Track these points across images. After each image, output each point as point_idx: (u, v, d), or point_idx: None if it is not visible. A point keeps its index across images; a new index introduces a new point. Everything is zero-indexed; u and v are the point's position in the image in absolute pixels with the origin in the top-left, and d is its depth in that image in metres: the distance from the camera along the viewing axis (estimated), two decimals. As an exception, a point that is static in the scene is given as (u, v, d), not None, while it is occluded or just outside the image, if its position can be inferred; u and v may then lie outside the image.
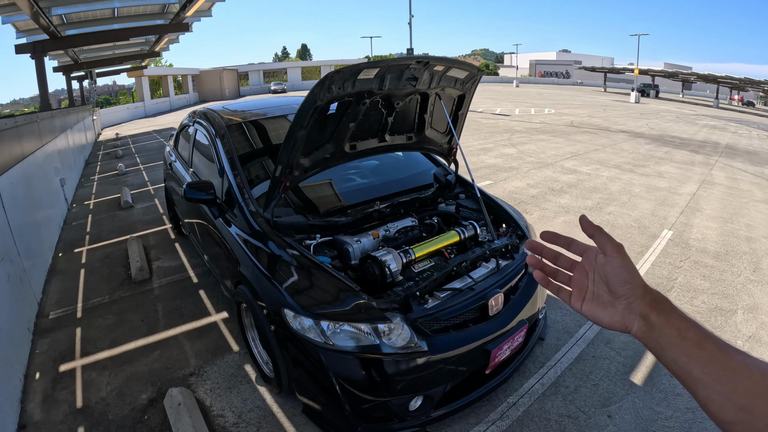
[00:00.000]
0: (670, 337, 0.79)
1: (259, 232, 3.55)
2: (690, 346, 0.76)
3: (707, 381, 0.73)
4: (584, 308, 0.92)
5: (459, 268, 3.33)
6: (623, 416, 3.39)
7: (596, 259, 0.91)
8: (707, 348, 0.75)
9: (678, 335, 0.78)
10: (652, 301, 0.84)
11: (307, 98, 3.08)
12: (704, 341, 0.76)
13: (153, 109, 43.96)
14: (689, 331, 0.78)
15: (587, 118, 26.01)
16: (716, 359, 0.73)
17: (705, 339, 0.76)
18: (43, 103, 18.78)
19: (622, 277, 0.86)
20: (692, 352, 0.76)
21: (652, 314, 0.82)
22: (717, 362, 0.73)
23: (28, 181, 6.46)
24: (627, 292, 0.85)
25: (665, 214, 8.26)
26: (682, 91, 65.67)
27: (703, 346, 0.75)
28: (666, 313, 0.82)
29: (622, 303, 0.86)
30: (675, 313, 0.81)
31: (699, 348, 0.75)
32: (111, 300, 5.26)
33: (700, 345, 0.76)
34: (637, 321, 0.84)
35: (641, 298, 0.84)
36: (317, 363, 2.83)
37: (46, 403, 3.64)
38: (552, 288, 0.99)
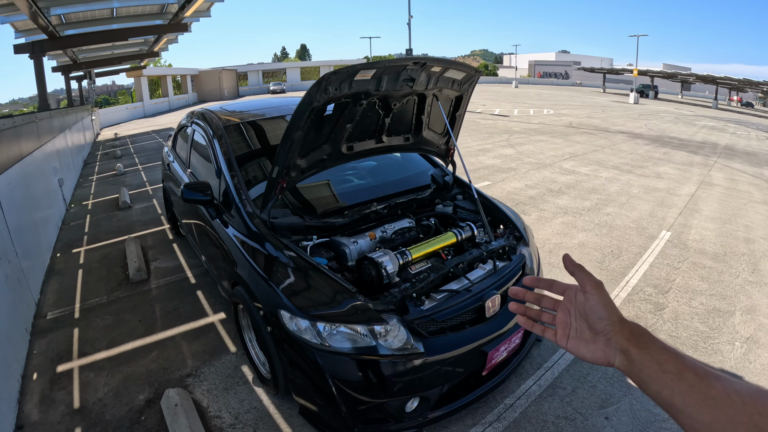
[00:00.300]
0: (650, 371, 0.80)
1: (256, 233, 3.54)
2: (670, 378, 0.77)
3: (689, 411, 0.74)
4: (569, 345, 0.94)
5: (456, 270, 3.33)
6: (620, 418, 3.39)
7: (576, 297, 0.95)
8: (687, 379, 0.75)
9: (658, 368, 0.79)
10: (631, 335, 0.86)
11: (304, 99, 3.07)
12: (684, 372, 0.76)
13: (152, 109, 43.96)
14: (668, 363, 0.78)
15: (586, 118, 26.02)
16: (697, 389, 0.73)
17: (685, 369, 0.77)
18: (42, 103, 18.79)
19: (599, 313, 0.89)
20: (673, 384, 0.76)
21: (631, 349, 0.84)
22: (698, 392, 0.73)
23: (27, 182, 6.46)
24: (605, 328, 0.88)
25: (664, 215, 8.26)
26: (681, 91, 65.68)
27: (683, 377, 0.76)
28: (645, 347, 0.83)
29: (601, 339, 0.89)
30: (654, 346, 0.82)
31: (679, 380, 0.76)
32: (109, 300, 5.26)
33: (680, 376, 0.76)
34: (618, 356, 0.86)
35: (619, 333, 0.87)
36: (313, 364, 2.83)
37: (43, 403, 3.64)
38: (537, 330, 1.03)
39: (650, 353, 0.81)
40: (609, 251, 6.45)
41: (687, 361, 0.78)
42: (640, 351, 0.82)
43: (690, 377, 0.75)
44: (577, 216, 7.98)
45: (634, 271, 5.84)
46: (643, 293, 5.26)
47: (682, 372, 0.76)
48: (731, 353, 4.21)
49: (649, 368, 0.80)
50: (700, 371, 0.75)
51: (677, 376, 0.76)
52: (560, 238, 6.89)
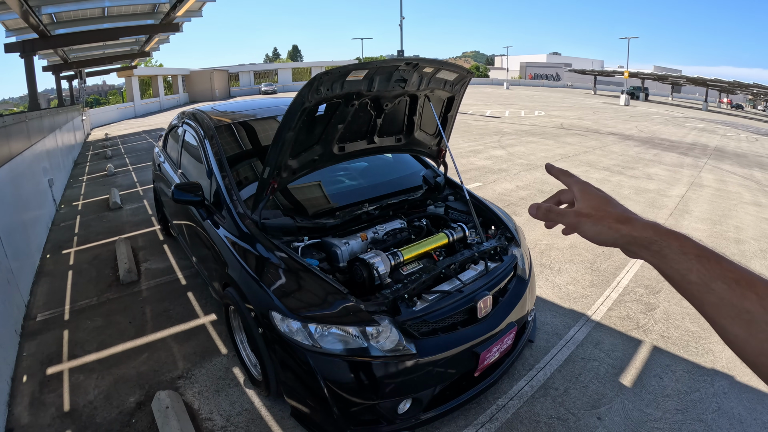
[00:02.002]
0: (673, 279, 0.75)
1: (247, 234, 3.53)
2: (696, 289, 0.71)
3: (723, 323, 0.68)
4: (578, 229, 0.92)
5: (447, 271, 3.33)
6: (613, 418, 3.40)
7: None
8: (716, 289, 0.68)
9: (681, 278, 0.73)
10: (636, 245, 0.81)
11: (295, 100, 3.06)
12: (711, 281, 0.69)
13: (143, 109, 43.75)
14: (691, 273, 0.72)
15: (577, 120, 26.13)
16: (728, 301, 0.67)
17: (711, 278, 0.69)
18: (32, 103, 18.66)
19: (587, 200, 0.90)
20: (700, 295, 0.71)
21: (646, 256, 0.79)
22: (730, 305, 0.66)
23: (16, 182, 6.41)
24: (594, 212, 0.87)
25: (654, 216, 8.29)
26: (671, 93, 66.01)
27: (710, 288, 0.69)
28: (659, 256, 0.77)
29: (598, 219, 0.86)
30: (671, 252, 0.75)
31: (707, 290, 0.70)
32: (99, 302, 5.22)
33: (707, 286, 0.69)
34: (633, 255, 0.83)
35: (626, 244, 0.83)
36: (305, 366, 2.82)
37: (33, 406, 3.61)
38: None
39: (668, 262, 0.75)
40: (600, 252, 6.46)
41: (714, 266, 0.70)
42: (656, 260, 0.77)
43: (719, 287, 0.68)
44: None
45: (625, 271, 5.86)
46: (634, 294, 5.27)
47: (708, 282, 0.69)
48: (722, 353, 4.23)
49: (671, 278, 0.75)
50: (730, 278, 0.68)
51: (703, 286, 0.70)
52: (551, 238, 6.91)
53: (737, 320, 0.65)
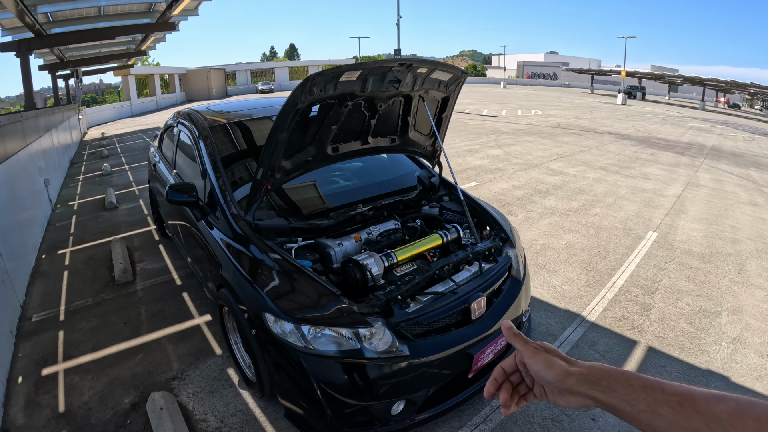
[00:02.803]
0: (624, 413, 0.77)
1: (240, 235, 3.52)
2: (645, 416, 0.74)
3: None
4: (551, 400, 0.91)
5: (441, 272, 3.32)
6: (607, 419, 3.40)
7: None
8: (663, 415, 0.72)
9: (631, 410, 0.76)
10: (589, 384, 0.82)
11: (288, 100, 3.06)
12: (658, 407, 0.73)
13: (139, 108, 43.67)
14: (639, 403, 0.75)
15: (574, 119, 26.14)
16: (676, 424, 0.71)
17: (659, 404, 0.73)
18: (28, 102, 18.59)
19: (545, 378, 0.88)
20: (650, 422, 0.73)
21: (597, 395, 0.80)
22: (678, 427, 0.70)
23: (11, 182, 6.40)
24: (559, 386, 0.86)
25: (650, 215, 8.31)
26: (668, 93, 66.09)
27: (658, 414, 0.73)
28: (609, 391, 0.79)
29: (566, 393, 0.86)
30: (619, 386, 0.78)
31: (655, 416, 0.73)
32: (94, 302, 5.21)
33: (654, 413, 0.73)
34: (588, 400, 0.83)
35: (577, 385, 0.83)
36: (298, 367, 2.81)
37: (28, 407, 3.60)
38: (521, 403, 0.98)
39: (617, 396, 0.78)
40: (596, 252, 6.47)
41: (658, 394, 0.74)
42: (606, 395, 0.79)
43: (665, 412, 0.72)
44: (565, 217, 8.01)
45: (621, 271, 5.87)
46: (630, 294, 5.28)
47: (655, 408, 0.73)
48: (718, 354, 4.24)
49: (621, 411, 0.77)
50: (674, 402, 0.72)
51: (651, 413, 0.73)
52: (547, 239, 6.91)
53: None
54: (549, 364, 0.88)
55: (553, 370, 0.87)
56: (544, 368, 0.88)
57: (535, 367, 0.89)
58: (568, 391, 0.84)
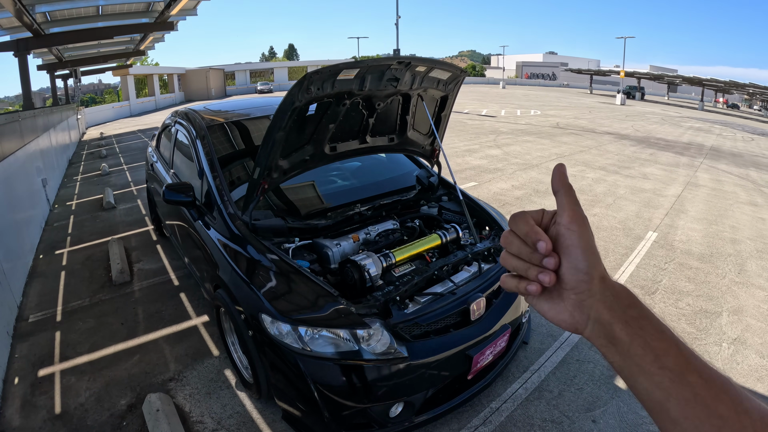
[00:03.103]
0: (642, 361, 0.59)
1: (237, 235, 3.50)
2: (669, 377, 0.57)
3: (686, 426, 0.55)
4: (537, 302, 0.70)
5: (440, 272, 3.30)
6: (608, 421, 3.38)
7: (549, 227, 0.68)
8: (692, 383, 0.56)
9: (654, 360, 0.58)
10: (615, 302, 0.62)
11: (286, 99, 3.03)
12: (688, 372, 0.57)
13: (138, 108, 43.67)
14: (669, 356, 0.58)
15: (573, 119, 26.14)
16: (701, 401, 0.55)
17: (689, 369, 0.57)
18: (26, 102, 18.58)
19: (574, 261, 0.64)
20: (672, 386, 0.57)
21: (616, 324, 0.61)
22: (702, 405, 0.55)
23: (9, 182, 6.37)
24: (578, 285, 0.63)
25: (650, 215, 8.29)
26: (667, 93, 66.16)
27: (686, 380, 0.56)
28: (637, 325, 0.61)
29: (571, 297, 0.65)
30: (651, 326, 0.60)
31: (681, 382, 0.56)
32: (91, 303, 5.19)
33: (682, 378, 0.56)
34: (591, 325, 0.64)
35: (598, 296, 0.63)
36: (295, 369, 2.79)
37: (24, 408, 3.58)
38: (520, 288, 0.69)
39: (644, 336, 0.59)
40: (595, 252, 6.44)
41: (691, 356, 0.58)
42: (629, 330, 0.60)
43: (695, 381, 0.56)
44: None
45: (621, 272, 5.85)
46: (630, 294, 5.25)
47: (684, 372, 0.57)
48: (719, 354, 4.21)
49: (640, 357, 0.59)
50: (707, 374, 0.56)
51: (678, 376, 0.56)
52: (547, 239, 6.87)
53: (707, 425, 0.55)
54: (592, 247, 0.64)
55: (593, 258, 0.64)
56: (585, 247, 0.63)
57: (576, 239, 0.63)
58: (582, 297, 0.63)
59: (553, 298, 0.67)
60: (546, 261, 0.64)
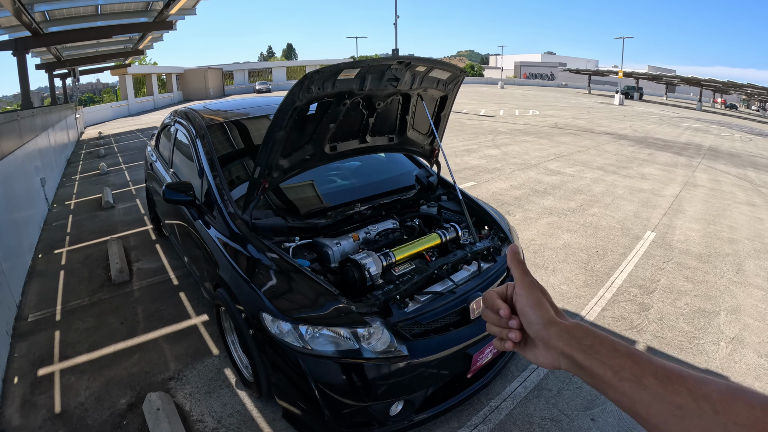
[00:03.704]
0: (604, 379, 0.71)
1: (237, 234, 3.50)
2: (629, 386, 0.68)
3: (655, 421, 0.65)
4: (522, 352, 0.87)
5: (440, 271, 3.30)
6: (606, 419, 3.39)
7: (512, 299, 0.88)
8: (648, 386, 0.66)
9: (613, 376, 0.70)
10: (571, 339, 0.76)
11: (286, 98, 3.03)
12: (643, 377, 0.67)
13: (137, 107, 43.60)
14: (624, 369, 0.69)
15: (571, 119, 26.15)
16: (660, 398, 0.64)
17: (643, 374, 0.67)
18: (25, 101, 18.56)
19: (527, 318, 0.82)
20: (632, 393, 0.67)
21: (575, 354, 0.74)
22: (661, 401, 0.64)
23: (8, 181, 6.37)
24: (537, 333, 0.81)
25: (648, 215, 8.30)
26: (665, 93, 66.26)
27: (643, 384, 0.66)
28: (592, 351, 0.73)
29: (540, 343, 0.81)
30: (603, 349, 0.72)
31: (639, 387, 0.67)
32: (90, 302, 5.18)
33: (639, 383, 0.67)
34: (561, 359, 0.78)
35: (556, 336, 0.78)
36: (296, 367, 2.79)
37: (24, 407, 3.58)
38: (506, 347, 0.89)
39: (599, 359, 0.71)
40: (594, 252, 6.46)
41: (645, 364, 0.68)
42: (587, 357, 0.73)
43: (651, 383, 0.66)
44: (562, 217, 8.00)
45: (619, 271, 5.86)
46: (628, 294, 5.27)
47: (640, 378, 0.67)
48: (716, 353, 4.23)
49: (602, 376, 0.70)
50: (662, 374, 0.66)
51: (636, 383, 0.67)
52: (545, 238, 6.90)
53: (670, 417, 0.63)
54: (539, 303, 0.82)
55: (541, 311, 0.81)
56: (533, 305, 0.82)
57: (524, 300, 0.83)
58: (545, 342, 0.79)
59: (531, 348, 0.84)
60: (510, 323, 0.85)
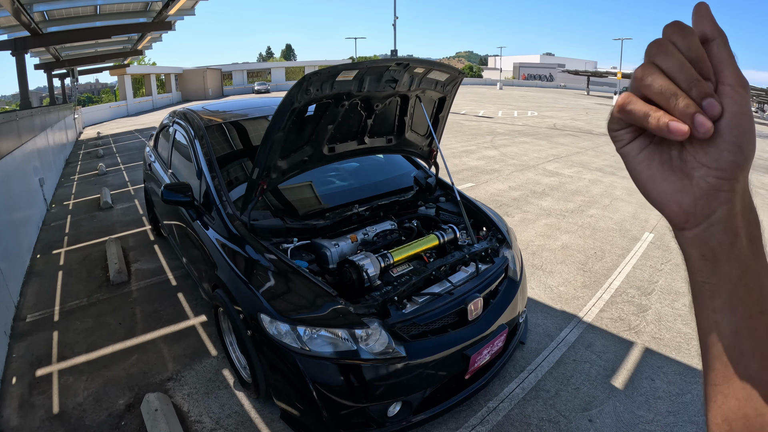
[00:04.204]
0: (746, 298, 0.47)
1: (236, 235, 3.51)
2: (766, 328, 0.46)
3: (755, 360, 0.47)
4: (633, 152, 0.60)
5: (438, 273, 3.31)
6: (604, 420, 3.39)
7: None
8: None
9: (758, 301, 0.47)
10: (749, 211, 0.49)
11: (285, 100, 3.04)
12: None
13: (135, 108, 43.55)
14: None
15: (570, 120, 26.14)
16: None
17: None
18: (24, 101, 18.56)
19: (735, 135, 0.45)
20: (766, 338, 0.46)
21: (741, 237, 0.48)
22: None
23: (6, 181, 6.37)
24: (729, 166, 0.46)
25: (646, 216, 8.30)
26: (664, 94, 66.11)
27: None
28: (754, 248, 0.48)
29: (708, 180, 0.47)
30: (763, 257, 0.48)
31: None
32: (89, 303, 5.19)
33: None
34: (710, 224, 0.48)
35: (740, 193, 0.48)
36: (294, 368, 2.80)
37: (22, 408, 3.59)
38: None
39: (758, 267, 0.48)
40: (592, 253, 6.46)
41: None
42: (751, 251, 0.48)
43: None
44: (561, 218, 8.00)
45: (617, 272, 5.86)
46: (627, 295, 5.27)
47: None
48: (713, 355, 4.22)
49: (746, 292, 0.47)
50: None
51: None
52: (543, 240, 6.91)
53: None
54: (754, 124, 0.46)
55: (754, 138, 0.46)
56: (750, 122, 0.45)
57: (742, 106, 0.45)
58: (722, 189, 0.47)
59: (674, 171, 0.51)
60: (707, 102, 0.45)
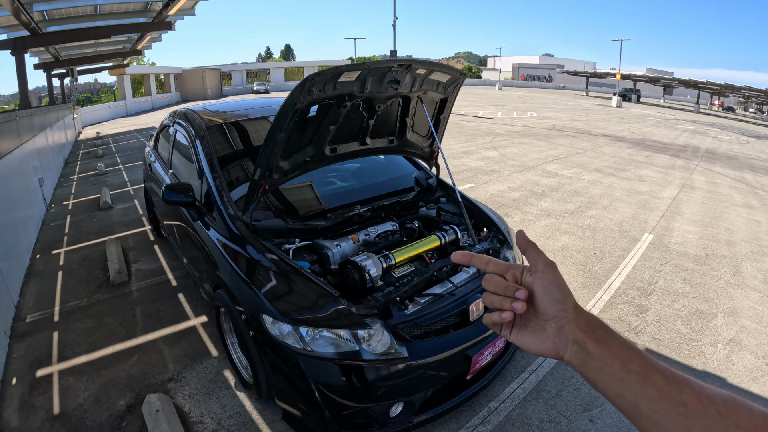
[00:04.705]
0: (611, 370, 0.70)
1: (237, 235, 3.50)
2: (635, 379, 0.67)
3: (656, 419, 0.65)
4: (513, 336, 0.82)
5: (440, 273, 3.32)
6: (605, 420, 3.40)
7: (522, 279, 0.81)
8: (655, 381, 0.66)
9: (621, 367, 0.69)
10: (587, 325, 0.75)
11: (287, 100, 3.04)
12: (650, 373, 0.67)
13: (134, 107, 43.50)
14: (632, 362, 0.69)
15: (569, 121, 26.18)
16: (665, 394, 0.65)
17: (651, 370, 0.67)
18: (23, 101, 18.54)
19: (553, 295, 0.77)
20: (638, 386, 0.67)
21: (588, 341, 0.72)
22: (667, 398, 0.64)
23: (6, 181, 6.36)
24: (558, 314, 0.76)
25: (646, 217, 8.32)
26: (663, 96, 66.25)
27: (650, 379, 0.66)
28: (604, 341, 0.72)
29: (552, 327, 0.76)
30: (614, 341, 0.72)
31: (645, 382, 0.66)
32: (89, 303, 5.18)
33: (646, 378, 0.67)
34: (570, 347, 0.74)
35: (573, 321, 0.75)
36: (296, 369, 2.80)
37: (23, 409, 3.58)
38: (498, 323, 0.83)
39: (611, 349, 0.71)
40: (592, 254, 6.47)
41: (653, 361, 0.69)
42: (599, 345, 0.71)
43: (658, 380, 0.66)
44: (560, 219, 8.01)
45: (617, 273, 5.87)
46: (626, 296, 5.28)
47: (648, 373, 0.67)
48: (714, 355, 4.24)
49: (609, 366, 0.70)
50: (668, 373, 0.67)
51: (643, 377, 0.67)
52: (543, 240, 6.91)
53: (674, 414, 0.64)
54: (564, 284, 0.78)
55: (567, 292, 0.77)
56: (560, 285, 0.77)
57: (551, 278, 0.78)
58: (562, 324, 0.75)
59: (536, 332, 0.79)
60: (517, 293, 0.78)
